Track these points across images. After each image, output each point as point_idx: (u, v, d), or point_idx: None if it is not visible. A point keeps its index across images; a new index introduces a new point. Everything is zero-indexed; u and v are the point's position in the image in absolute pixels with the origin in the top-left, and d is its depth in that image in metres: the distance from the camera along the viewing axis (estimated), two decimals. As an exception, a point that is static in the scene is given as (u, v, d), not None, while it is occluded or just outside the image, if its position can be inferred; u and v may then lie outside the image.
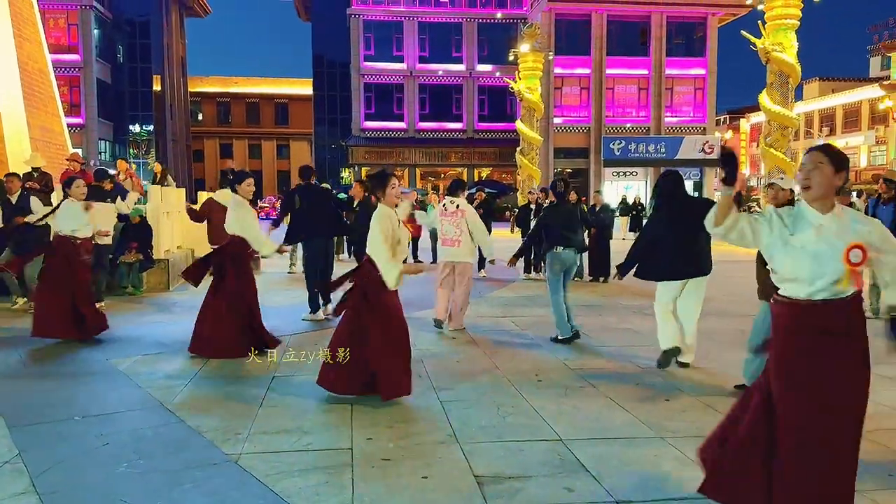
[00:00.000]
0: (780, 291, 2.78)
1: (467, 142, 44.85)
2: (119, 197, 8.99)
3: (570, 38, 41.87)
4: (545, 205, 9.92)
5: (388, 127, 44.29)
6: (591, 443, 4.07)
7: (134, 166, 20.45)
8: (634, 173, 42.59)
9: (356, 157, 44.05)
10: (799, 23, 20.39)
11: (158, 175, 13.69)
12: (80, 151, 24.29)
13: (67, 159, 12.52)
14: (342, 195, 17.89)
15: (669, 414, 4.59)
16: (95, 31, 43.32)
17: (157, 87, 49.48)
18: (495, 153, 44.11)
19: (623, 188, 39.01)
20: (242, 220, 6.22)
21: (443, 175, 45.03)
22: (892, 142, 46.32)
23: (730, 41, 39.23)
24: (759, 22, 20.42)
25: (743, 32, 20.92)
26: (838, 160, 2.71)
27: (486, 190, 22.58)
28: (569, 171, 41.99)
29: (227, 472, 3.61)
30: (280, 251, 6.61)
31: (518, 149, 31.95)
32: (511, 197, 37.34)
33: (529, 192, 13.69)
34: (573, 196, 9.28)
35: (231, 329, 6.06)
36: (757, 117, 53.51)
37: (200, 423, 4.34)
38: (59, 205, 7.00)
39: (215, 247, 7.57)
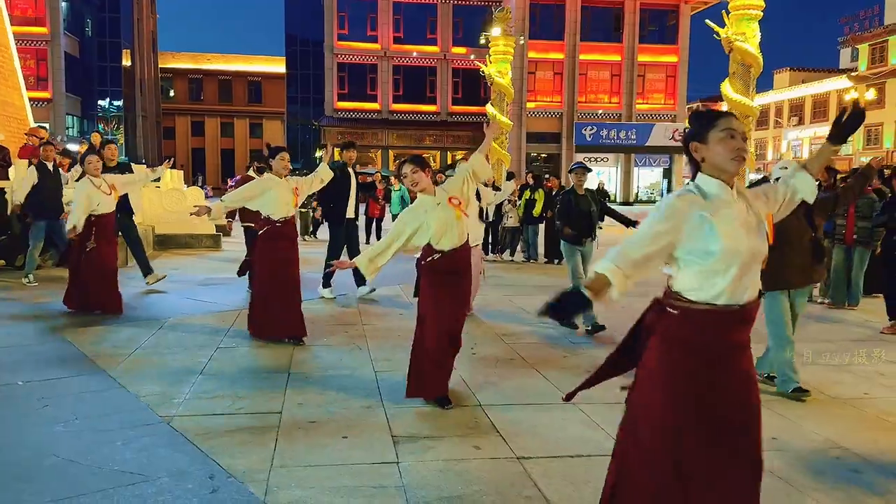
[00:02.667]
0: (676, 289, 2.33)
1: (441, 124, 44.89)
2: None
3: (545, 23, 41.99)
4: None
5: (361, 108, 44.16)
6: (507, 408, 4.36)
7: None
8: (605, 159, 43.00)
9: (329, 138, 43.80)
10: (762, 13, 20.68)
11: (97, 145, 13.40)
12: (46, 126, 24.01)
13: (27, 134, 12.49)
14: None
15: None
16: (63, 4, 42.41)
17: (126, 62, 48.65)
18: (469, 136, 44.20)
19: (595, 174, 39.47)
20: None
21: (416, 157, 45.01)
22: (859, 133, 47.28)
23: (703, 29, 39.56)
24: (724, 12, 20.73)
25: (707, 22, 21.22)
26: None
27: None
28: (544, 155, 42.37)
29: (158, 432, 3.83)
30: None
31: (489, 132, 32.16)
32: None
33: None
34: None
35: (281, 309, 5.92)
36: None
37: (140, 389, 4.55)
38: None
39: (247, 224, 8.01)
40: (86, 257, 6.87)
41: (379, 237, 14.86)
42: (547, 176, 15.42)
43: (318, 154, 45.23)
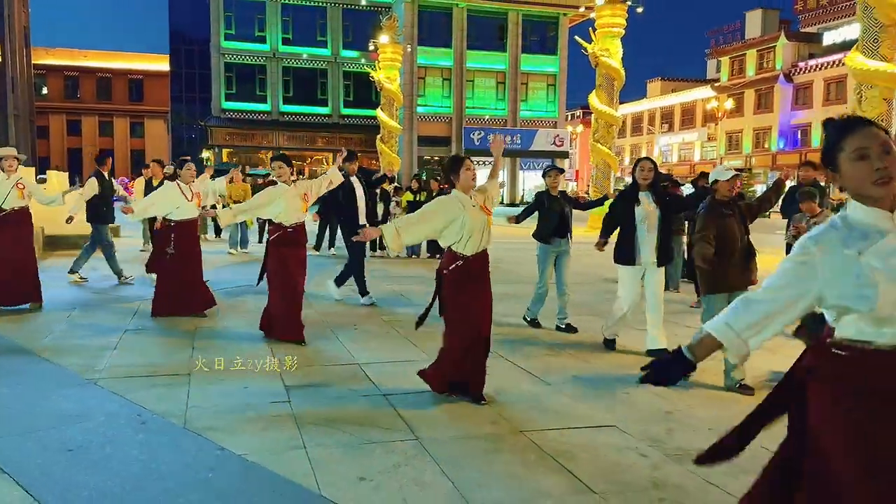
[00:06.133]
0: (841, 336, 1.86)
1: (333, 127, 45.41)
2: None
3: (433, 30, 43.48)
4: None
5: (250, 108, 43.96)
6: (381, 365, 5.43)
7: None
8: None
9: (217, 138, 43.42)
10: (624, 31, 22.92)
11: None
12: None
13: None
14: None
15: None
16: (-79, -7, 39.71)
17: (-6, 56, 45.99)
18: (362, 139, 44.94)
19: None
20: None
21: (309, 160, 45.38)
22: (721, 139, 51.81)
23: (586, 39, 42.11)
24: (590, 28, 22.79)
25: (576, 38, 23.26)
26: None
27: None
28: (436, 158, 43.78)
29: (88, 389, 4.64)
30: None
31: (378, 136, 33.15)
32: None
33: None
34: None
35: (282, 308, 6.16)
36: (603, 113, 57.50)
37: (63, 361, 5.29)
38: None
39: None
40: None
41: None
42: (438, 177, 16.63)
43: (204, 154, 44.61)
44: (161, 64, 59.08)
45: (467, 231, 4.35)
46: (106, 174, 9.66)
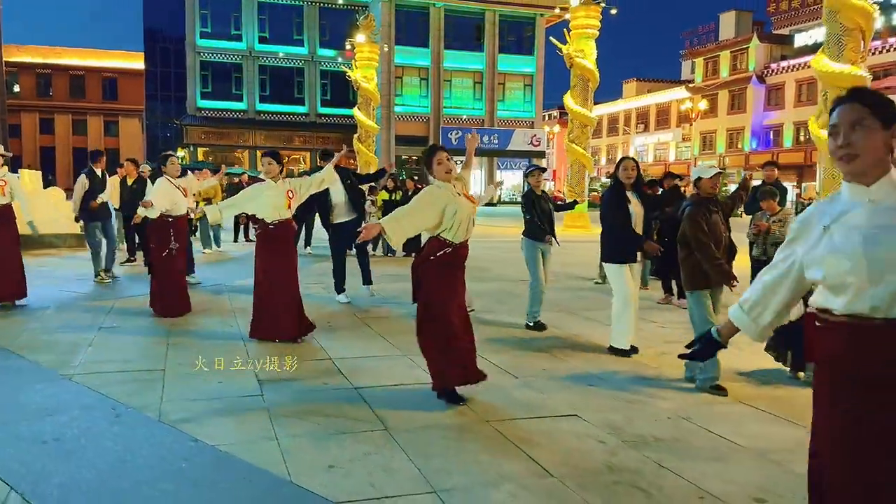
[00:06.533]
0: (819, 305, 1.99)
1: (311, 126, 45.33)
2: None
3: (410, 30, 43.59)
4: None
5: (226, 107, 43.72)
6: (353, 360, 5.55)
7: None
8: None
9: (192, 137, 43.14)
10: (598, 32, 23.16)
11: None
12: None
13: None
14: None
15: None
16: None
17: (-36, 53, 45.23)
18: (339, 138, 44.78)
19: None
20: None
21: (286, 159, 45.16)
22: (696, 139, 52.51)
23: (561, 40, 42.44)
24: (565, 30, 23.01)
25: (551, 39, 23.47)
26: (885, 110, 1.90)
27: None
28: (414, 158, 43.83)
29: (63, 384, 4.70)
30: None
31: (356, 135, 33.15)
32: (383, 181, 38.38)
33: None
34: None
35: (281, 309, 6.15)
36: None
37: (39, 358, 5.35)
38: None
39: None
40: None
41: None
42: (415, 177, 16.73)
43: (179, 153, 44.29)
44: (136, 62, 58.41)
45: (458, 218, 4.36)
46: (99, 171, 9.68)
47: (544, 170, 7.30)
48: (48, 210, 13.03)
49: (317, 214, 9.37)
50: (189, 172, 9.19)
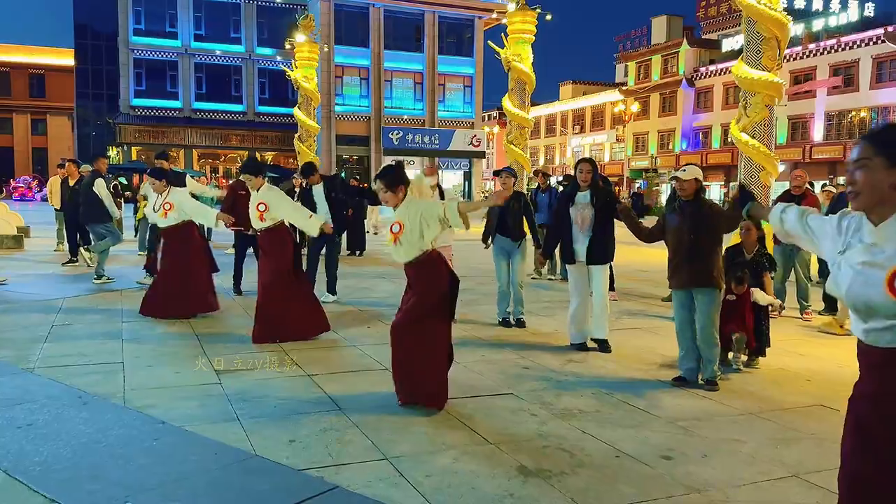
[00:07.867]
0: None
1: (248, 124, 44.85)
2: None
3: (350, 29, 43.57)
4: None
5: (161, 105, 42.86)
6: (307, 351, 5.89)
7: None
8: (412, 162, 45.49)
9: (126, 136, 42.12)
10: (534, 37, 23.88)
11: None
12: None
13: None
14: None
15: (361, 329, 6.57)
16: None
17: None
18: (278, 137, 44.60)
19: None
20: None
21: (223, 158, 44.66)
22: (629, 140, 54.19)
23: (499, 44, 43.26)
24: (503, 34, 23.66)
25: (489, 43, 24.10)
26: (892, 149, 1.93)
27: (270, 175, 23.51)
28: (355, 158, 43.89)
29: (27, 377, 4.91)
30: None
31: (296, 135, 33.10)
32: (288, 182, 38.28)
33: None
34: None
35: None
36: (518, 114, 59.11)
37: (-6, 354, 5.49)
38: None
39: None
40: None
41: None
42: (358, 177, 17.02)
43: (113, 153, 43.19)
44: (65, 58, 56.51)
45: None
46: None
47: (513, 171, 7.60)
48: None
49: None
50: (189, 178, 10.08)
